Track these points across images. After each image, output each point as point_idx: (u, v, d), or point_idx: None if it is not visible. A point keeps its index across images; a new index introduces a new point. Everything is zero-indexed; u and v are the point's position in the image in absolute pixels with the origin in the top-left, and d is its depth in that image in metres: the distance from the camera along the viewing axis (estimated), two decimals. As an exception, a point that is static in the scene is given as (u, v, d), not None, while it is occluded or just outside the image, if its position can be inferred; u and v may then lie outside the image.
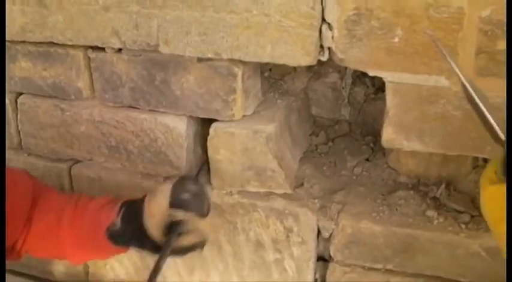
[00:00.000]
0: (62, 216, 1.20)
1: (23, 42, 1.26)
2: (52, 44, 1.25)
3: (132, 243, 1.12)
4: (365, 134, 1.41)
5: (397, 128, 1.10)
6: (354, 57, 1.06)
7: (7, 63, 1.31)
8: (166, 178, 1.29)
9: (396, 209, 1.19)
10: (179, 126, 1.23)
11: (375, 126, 1.37)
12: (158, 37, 1.13)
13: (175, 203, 1.07)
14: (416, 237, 1.14)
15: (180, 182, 1.10)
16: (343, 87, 1.40)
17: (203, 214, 1.09)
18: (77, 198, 1.22)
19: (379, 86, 1.37)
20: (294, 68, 1.38)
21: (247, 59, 1.09)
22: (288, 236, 1.23)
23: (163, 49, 1.14)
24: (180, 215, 1.07)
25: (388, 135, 1.12)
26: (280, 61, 1.08)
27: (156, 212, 1.08)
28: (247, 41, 1.07)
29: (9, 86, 1.33)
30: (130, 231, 1.12)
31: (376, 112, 1.36)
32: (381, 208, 1.20)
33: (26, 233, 1.18)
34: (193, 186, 1.10)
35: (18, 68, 1.31)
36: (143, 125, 1.25)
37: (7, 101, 1.36)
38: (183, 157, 1.25)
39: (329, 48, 1.07)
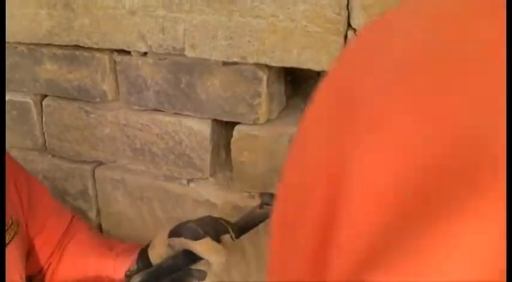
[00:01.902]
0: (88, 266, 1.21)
1: (49, 45, 1.27)
2: (78, 47, 1.26)
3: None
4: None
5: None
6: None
7: (32, 65, 1.32)
8: (190, 181, 1.30)
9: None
10: (203, 129, 1.24)
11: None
12: (184, 41, 1.14)
13: (173, 234, 1.11)
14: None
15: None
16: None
17: (198, 236, 1.09)
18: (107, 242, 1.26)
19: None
20: (318, 73, 1.38)
21: (273, 64, 1.10)
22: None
23: (190, 53, 1.15)
24: (176, 240, 1.10)
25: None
26: (306, 66, 1.08)
27: (155, 243, 1.14)
28: (274, 46, 1.08)
29: (34, 88, 1.35)
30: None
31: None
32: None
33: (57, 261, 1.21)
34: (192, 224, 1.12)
35: (43, 71, 1.32)
36: (168, 127, 1.26)
37: (31, 103, 1.37)
38: (207, 160, 1.26)
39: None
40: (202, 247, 1.09)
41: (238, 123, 1.22)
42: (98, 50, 1.26)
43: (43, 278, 1.22)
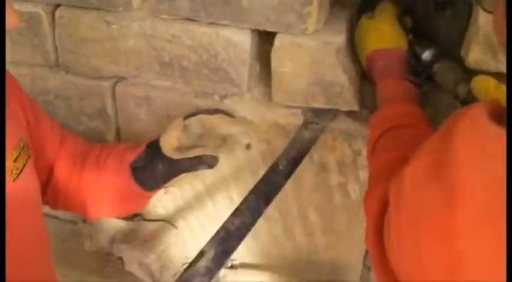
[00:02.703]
0: (88, 154, 1.16)
1: None
2: None
3: (149, 170, 1.13)
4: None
5: (485, 47, 1.04)
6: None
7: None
8: (223, 97, 1.21)
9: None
10: (243, 40, 1.14)
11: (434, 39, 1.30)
12: None
13: (188, 115, 1.14)
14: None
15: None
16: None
17: (217, 111, 1.14)
18: (102, 144, 1.24)
19: (441, 1, 1.30)
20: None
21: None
22: (355, 159, 1.18)
23: (237, -46, 1.03)
24: (192, 119, 1.12)
25: (475, 54, 1.06)
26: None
27: (170, 128, 1.13)
28: None
29: (45, -4, 1.21)
30: (150, 162, 1.13)
31: (439, 27, 1.29)
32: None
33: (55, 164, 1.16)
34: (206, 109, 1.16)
35: (57, -22, 1.18)
36: (202, 39, 1.15)
37: (43, 13, 1.23)
38: (245, 74, 1.17)
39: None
40: (220, 119, 1.12)
41: (275, 34, 1.13)
42: (123, -49, 1.13)
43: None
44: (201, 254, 0.93)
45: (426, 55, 1.17)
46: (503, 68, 1.05)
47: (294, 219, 1.30)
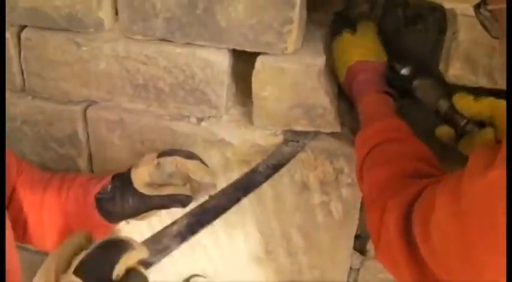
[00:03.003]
0: (48, 185, 1.11)
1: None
2: (68, -33, 1.08)
3: (118, 204, 1.08)
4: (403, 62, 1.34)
5: (465, 63, 1.04)
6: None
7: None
8: (200, 119, 1.18)
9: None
10: (221, 60, 1.11)
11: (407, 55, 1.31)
12: (210, -41, 1.00)
13: (163, 153, 1.08)
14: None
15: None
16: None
17: (192, 156, 1.07)
18: (62, 174, 1.17)
19: (411, 17, 1.30)
20: (330, -1, 1.28)
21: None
22: (337, 177, 1.16)
23: (216, -27, 1.01)
24: (168, 159, 1.06)
25: (455, 70, 1.06)
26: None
27: (141, 163, 1.08)
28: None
29: (11, 18, 1.15)
30: (119, 195, 1.08)
31: (410, 43, 1.29)
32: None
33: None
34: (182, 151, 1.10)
35: (22, -3, 1.13)
36: (178, 60, 1.12)
37: (7, 36, 1.17)
38: (223, 95, 1.14)
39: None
40: (195, 166, 1.06)
41: (254, 54, 1.11)
42: (93, -30, 1.08)
43: None
44: (174, 222, 0.91)
45: (405, 71, 1.18)
46: (483, 83, 1.06)
47: (276, 240, 1.27)
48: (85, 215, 1.10)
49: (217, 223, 1.24)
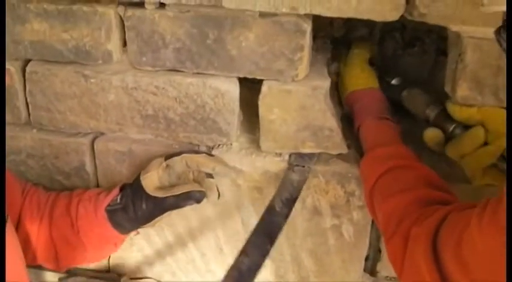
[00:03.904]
0: (55, 204, 1.13)
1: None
2: (77, 1, 1.08)
3: (131, 212, 1.10)
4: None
5: (472, 84, 1.07)
6: (437, 12, 1.00)
7: (13, 25, 1.12)
8: (210, 148, 1.18)
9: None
10: (231, 89, 1.12)
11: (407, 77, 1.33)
12: (223, -10, 1.01)
13: (171, 155, 1.12)
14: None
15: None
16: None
17: (198, 152, 1.13)
18: (69, 191, 1.19)
19: (408, 39, 1.33)
20: (331, 22, 1.30)
21: (328, 14, 1.00)
22: (348, 200, 1.18)
23: (228, 3, 1.01)
24: (176, 159, 1.11)
25: (463, 91, 1.08)
26: (365, 16, 1.00)
27: (150, 168, 1.11)
28: (331, -6, 0.98)
29: (16, 52, 1.14)
30: (131, 203, 1.10)
31: (409, 65, 1.32)
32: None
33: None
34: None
35: (28, 31, 1.12)
36: (189, 89, 1.12)
37: (13, 70, 1.16)
38: (233, 123, 1.15)
39: (408, 2, 1.01)
40: (204, 158, 1.11)
41: (259, 81, 1.12)
42: (101, 3, 1.08)
43: None
44: None
45: (395, 81, 1.21)
46: (490, 102, 1.08)
47: (287, 265, 1.27)
48: (97, 228, 1.12)
49: (227, 250, 1.26)
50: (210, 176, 1.13)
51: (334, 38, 1.33)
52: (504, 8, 0.69)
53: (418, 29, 1.30)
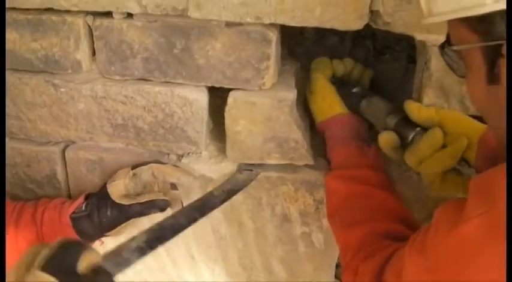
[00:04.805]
0: (21, 213, 1.14)
1: (12, 9, 1.08)
2: (45, 11, 1.09)
3: (95, 219, 1.11)
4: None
5: (439, 91, 1.08)
6: (401, 21, 1.01)
7: (-17, 34, 1.12)
8: (180, 156, 1.19)
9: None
10: (200, 98, 1.13)
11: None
12: (188, 0, 1.02)
13: (137, 165, 1.15)
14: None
15: None
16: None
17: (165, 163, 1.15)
18: (35, 201, 1.20)
19: (379, 48, 1.35)
20: (301, 32, 1.31)
21: (292, 24, 1.01)
22: (317, 208, 1.18)
23: (194, 13, 1.02)
24: (143, 168, 1.14)
25: (430, 99, 1.09)
26: (329, 25, 1.01)
27: (116, 177, 1.14)
28: (294, 4, 0.99)
29: (-14, 60, 1.15)
30: (96, 210, 1.12)
31: (380, 72, 1.33)
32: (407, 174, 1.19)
33: None
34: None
35: (-2, 40, 1.13)
36: (157, 98, 1.13)
37: (-17, 79, 1.17)
38: (202, 132, 1.16)
39: (372, 12, 1.02)
40: (171, 168, 1.14)
41: (227, 90, 1.13)
42: (70, 13, 1.09)
43: None
44: (133, 238, 0.93)
45: (356, 90, 1.18)
46: (456, 110, 1.09)
47: (258, 273, 1.28)
48: (61, 235, 1.11)
49: (199, 257, 1.26)
50: (174, 187, 1.15)
51: (305, 47, 1.34)
52: (442, 19, 0.70)
53: (388, 38, 1.31)
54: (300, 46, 1.34)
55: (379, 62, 1.34)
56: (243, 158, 1.17)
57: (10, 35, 1.12)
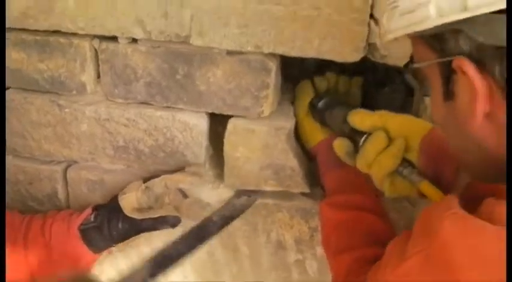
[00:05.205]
0: (30, 226, 1.15)
1: (21, 30, 1.12)
2: (53, 32, 1.12)
3: (105, 230, 1.13)
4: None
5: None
6: (398, 53, 1.04)
7: (-7, 54, 1.16)
8: (179, 179, 1.21)
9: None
10: (200, 123, 1.15)
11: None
12: (191, 28, 1.05)
13: (149, 178, 1.16)
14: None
15: None
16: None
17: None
18: (43, 213, 1.21)
19: (379, 79, 1.37)
20: (302, 61, 1.34)
21: (292, 54, 1.04)
22: (312, 236, 1.20)
23: (196, 41, 1.05)
24: (155, 180, 1.14)
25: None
26: (327, 56, 1.04)
27: (127, 190, 1.15)
28: (293, 35, 1.02)
29: (-6, 79, 1.18)
30: (107, 222, 1.13)
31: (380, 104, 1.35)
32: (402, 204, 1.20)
33: None
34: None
35: (8, 59, 1.16)
36: (158, 123, 1.16)
37: (-10, 97, 1.20)
38: (201, 157, 1.18)
39: (370, 45, 1.04)
40: (181, 175, 1.15)
41: (227, 116, 1.15)
42: (77, 36, 1.12)
43: None
44: (137, 270, 0.97)
45: (321, 104, 1.18)
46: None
47: (252, 298, 1.29)
48: (70, 247, 1.14)
49: (192, 277, 1.27)
50: (185, 196, 1.16)
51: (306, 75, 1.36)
52: (395, 35, 0.71)
53: (388, 70, 1.34)
54: (301, 74, 1.36)
55: (378, 94, 1.36)
56: (240, 184, 1.19)
57: (18, 55, 1.15)
